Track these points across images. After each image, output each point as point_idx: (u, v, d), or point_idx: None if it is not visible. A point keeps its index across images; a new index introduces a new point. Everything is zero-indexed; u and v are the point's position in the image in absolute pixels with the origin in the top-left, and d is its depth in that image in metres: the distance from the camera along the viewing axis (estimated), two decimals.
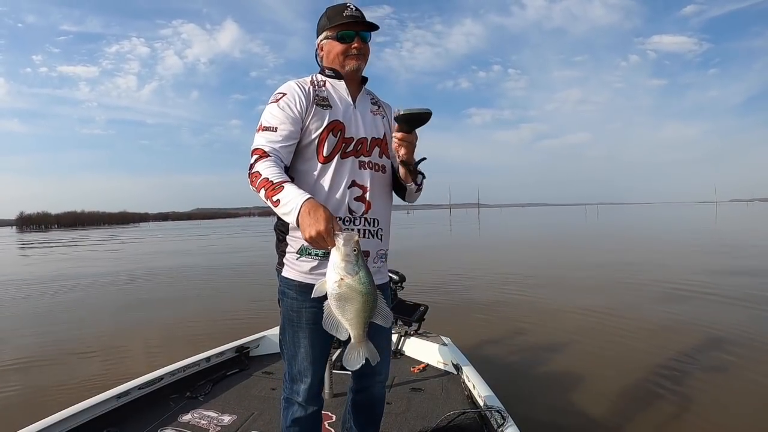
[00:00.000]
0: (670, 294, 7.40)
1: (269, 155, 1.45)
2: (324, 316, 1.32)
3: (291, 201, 1.30)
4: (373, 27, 1.64)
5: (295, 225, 1.30)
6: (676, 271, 9.67)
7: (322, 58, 1.68)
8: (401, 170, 1.62)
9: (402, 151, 1.53)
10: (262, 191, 1.37)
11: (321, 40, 1.66)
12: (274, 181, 1.36)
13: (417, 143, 1.56)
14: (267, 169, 1.39)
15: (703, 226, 29.16)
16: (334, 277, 1.26)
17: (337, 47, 1.61)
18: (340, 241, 1.24)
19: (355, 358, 1.37)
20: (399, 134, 1.50)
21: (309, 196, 1.32)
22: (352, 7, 1.60)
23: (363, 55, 1.64)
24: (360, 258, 1.27)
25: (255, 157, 1.45)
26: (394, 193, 1.79)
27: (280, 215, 1.38)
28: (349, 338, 1.77)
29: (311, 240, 1.25)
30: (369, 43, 1.66)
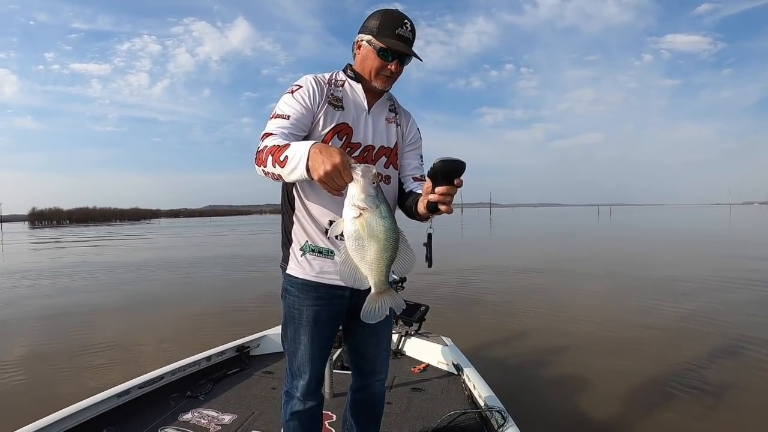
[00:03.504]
0: (681, 297, 7.28)
1: (276, 134, 1.42)
2: (340, 264, 1.24)
3: (298, 150, 1.21)
4: (418, 56, 1.56)
5: (306, 175, 1.19)
6: (685, 274, 9.56)
7: (355, 55, 1.62)
8: (422, 208, 1.36)
9: (444, 208, 1.28)
10: (269, 158, 1.29)
11: (361, 41, 1.57)
12: (280, 145, 1.30)
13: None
14: (273, 141, 1.36)
15: (716, 228, 28.85)
16: (353, 213, 1.15)
17: (375, 62, 1.54)
18: (358, 173, 1.14)
19: (377, 310, 1.26)
20: (443, 189, 1.24)
21: (316, 141, 1.25)
22: (408, 25, 1.53)
23: (394, 78, 1.59)
24: (380, 191, 1.18)
25: (263, 139, 1.41)
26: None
27: (289, 177, 1.26)
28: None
29: (327, 176, 1.14)
30: (405, 65, 1.60)
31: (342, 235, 1.21)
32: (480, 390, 2.59)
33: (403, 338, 3.48)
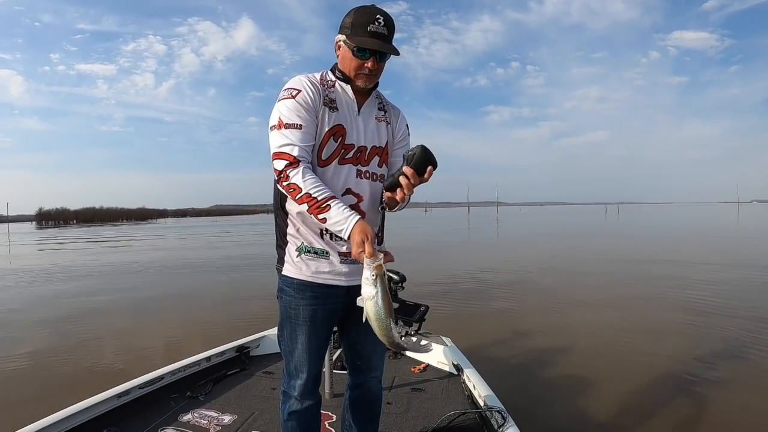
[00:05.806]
0: (688, 299, 7.17)
1: (300, 163, 1.42)
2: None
3: (340, 222, 1.38)
4: (394, 51, 1.51)
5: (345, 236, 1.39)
6: (692, 275, 9.45)
7: (338, 55, 1.61)
8: (388, 195, 1.48)
9: (399, 193, 1.40)
10: (305, 206, 1.41)
11: (339, 41, 1.55)
12: (319, 198, 1.39)
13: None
14: (306, 183, 1.40)
15: (724, 226, 28.58)
16: (362, 287, 1.36)
17: (353, 61, 1.52)
18: (368, 261, 1.32)
19: None
20: (410, 170, 1.38)
21: (357, 217, 1.38)
22: (380, 20, 1.47)
23: (375, 75, 1.56)
24: (379, 281, 1.33)
25: (284, 163, 1.42)
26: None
27: (327, 226, 1.44)
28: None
29: (357, 256, 1.35)
30: (384, 60, 1.57)
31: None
32: (480, 390, 2.57)
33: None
